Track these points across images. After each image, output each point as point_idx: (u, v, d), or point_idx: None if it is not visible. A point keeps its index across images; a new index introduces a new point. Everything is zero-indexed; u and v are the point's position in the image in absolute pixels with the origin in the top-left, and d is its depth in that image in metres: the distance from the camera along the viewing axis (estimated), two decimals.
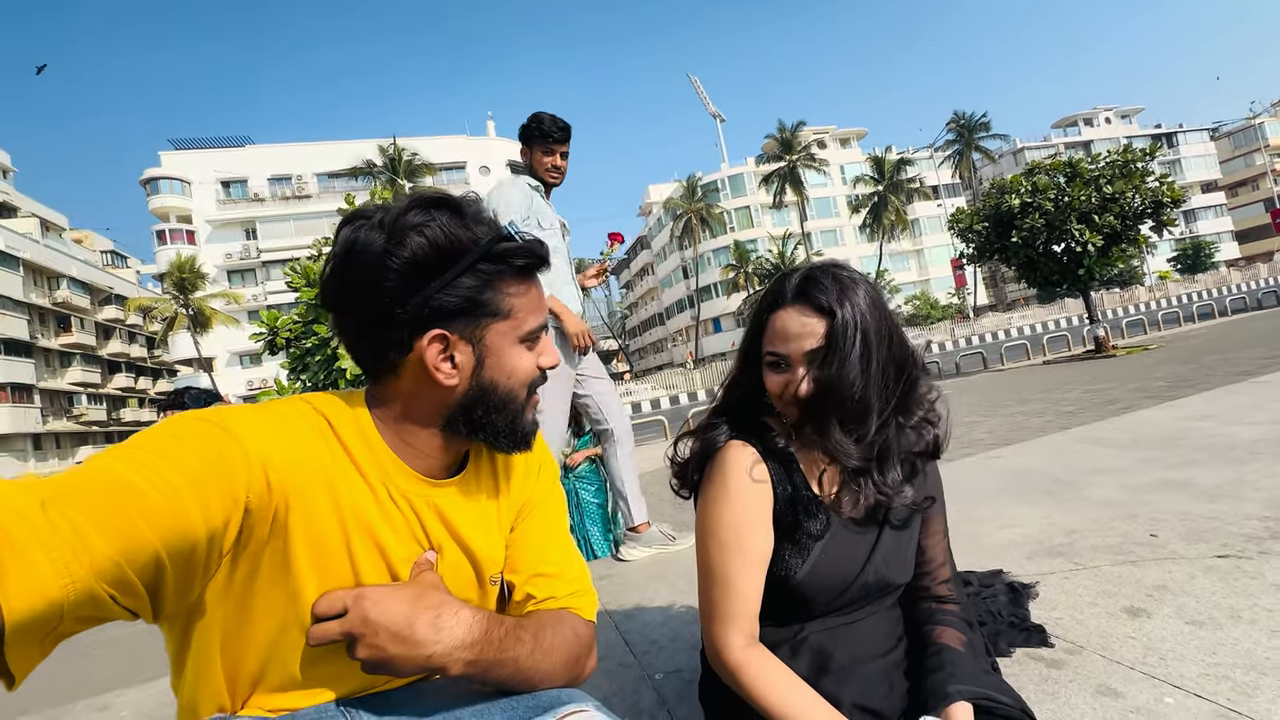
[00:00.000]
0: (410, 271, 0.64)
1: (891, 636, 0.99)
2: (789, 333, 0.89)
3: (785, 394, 0.91)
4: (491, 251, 0.66)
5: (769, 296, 0.94)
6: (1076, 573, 1.61)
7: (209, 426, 0.58)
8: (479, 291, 0.66)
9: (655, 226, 59.61)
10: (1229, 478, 2.17)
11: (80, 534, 0.46)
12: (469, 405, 0.70)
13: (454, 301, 0.65)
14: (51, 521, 0.45)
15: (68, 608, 0.45)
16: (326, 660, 0.66)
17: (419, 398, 0.69)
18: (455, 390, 0.69)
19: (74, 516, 0.46)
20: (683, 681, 1.42)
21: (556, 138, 2.44)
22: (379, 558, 0.67)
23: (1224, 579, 1.44)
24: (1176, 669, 1.14)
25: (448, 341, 0.66)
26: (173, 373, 44.78)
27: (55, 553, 0.44)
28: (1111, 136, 55.09)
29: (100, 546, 0.46)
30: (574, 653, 0.74)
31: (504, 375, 0.70)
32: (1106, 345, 14.68)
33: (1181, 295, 36.24)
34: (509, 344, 0.70)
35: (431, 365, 0.66)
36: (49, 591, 0.43)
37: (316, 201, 38.70)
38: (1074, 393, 8.98)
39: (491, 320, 0.68)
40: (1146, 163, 13.87)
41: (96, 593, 0.46)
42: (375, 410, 0.71)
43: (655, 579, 2.17)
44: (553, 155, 2.47)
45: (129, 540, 0.48)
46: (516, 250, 0.68)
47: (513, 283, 0.69)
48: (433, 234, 0.64)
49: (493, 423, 0.71)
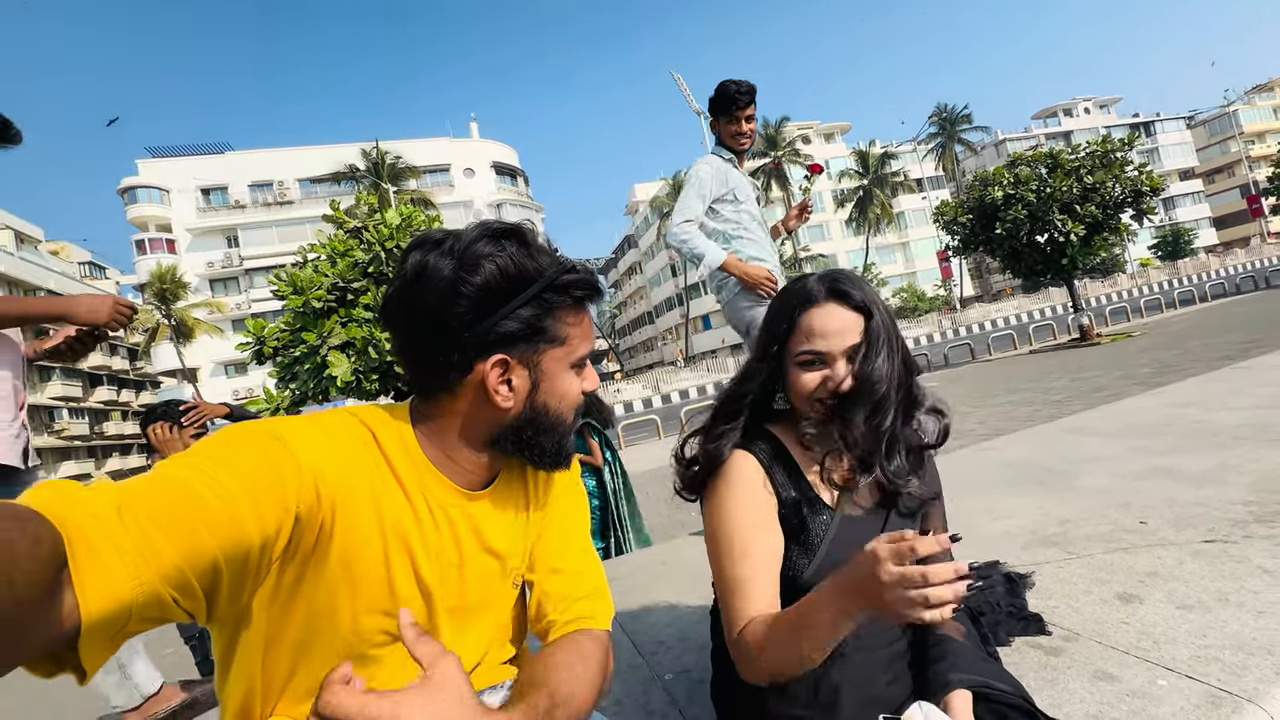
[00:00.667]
0: (480, 298, 0.67)
1: (894, 629, 1.01)
2: (829, 330, 0.91)
3: (817, 391, 0.92)
4: (555, 282, 0.70)
5: (795, 298, 0.96)
6: (1070, 561, 1.66)
7: (266, 437, 0.61)
8: (540, 319, 0.70)
9: (642, 225, 59.58)
10: (1214, 463, 2.23)
11: (149, 539, 0.49)
12: (520, 427, 0.73)
13: (517, 328, 0.68)
14: (125, 526, 0.48)
15: (136, 609, 0.47)
16: (360, 671, 0.68)
17: (473, 417, 0.72)
18: (509, 412, 0.72)
19: (144, 522, 0.49)
20: (692, 681, 1.45)
21: (742, 103, 2.56)
22: (410, 570, 0.70)
23: (1211, 563, 1.49)
24: (1169, 652, 1.18)
25: (507, 365, 0.70)
26: (156, 385, 44.12)
27: (128, 556, 0.47)
28: (1091, 126, 55.80)
29: (167, 552, 0.49)
30: (596, 684, 0.75)
31: (556, 399, 0.74)
32: (1091, 333, 14.91)
33: (1163, 282, 36.84)
34: (562, 369, 0.74)
35: (491, 388, 0.69)
36: (121, 593, 0.46)
37: (299, 207, 38.29)
38: (1061, 381, 9.13)
39: (549, 346, 0.72)
40: (1125, 152, 14.10)
41: (161, 595, 0.49)
42: (420, 425, 0.74)
43: (659, 580, 2.20)
44: (737, 122, 2.60)
45: (192, 546, 0.51)
46: (578, 282, 0.72)
47: (570, 312, 0.73)
48: (503, 263, 0.68)
49: (540, 444, 0.75)
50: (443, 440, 0.73)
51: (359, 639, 0.68)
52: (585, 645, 0.77)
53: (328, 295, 8.77)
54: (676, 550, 2.57)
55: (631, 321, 69.71)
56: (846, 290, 0.93)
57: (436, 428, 0.73)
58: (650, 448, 11.16)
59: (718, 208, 2.62)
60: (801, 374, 0.94)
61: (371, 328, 8.85)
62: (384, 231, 9.53)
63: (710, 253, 2.50)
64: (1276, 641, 1.15)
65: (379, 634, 0.69)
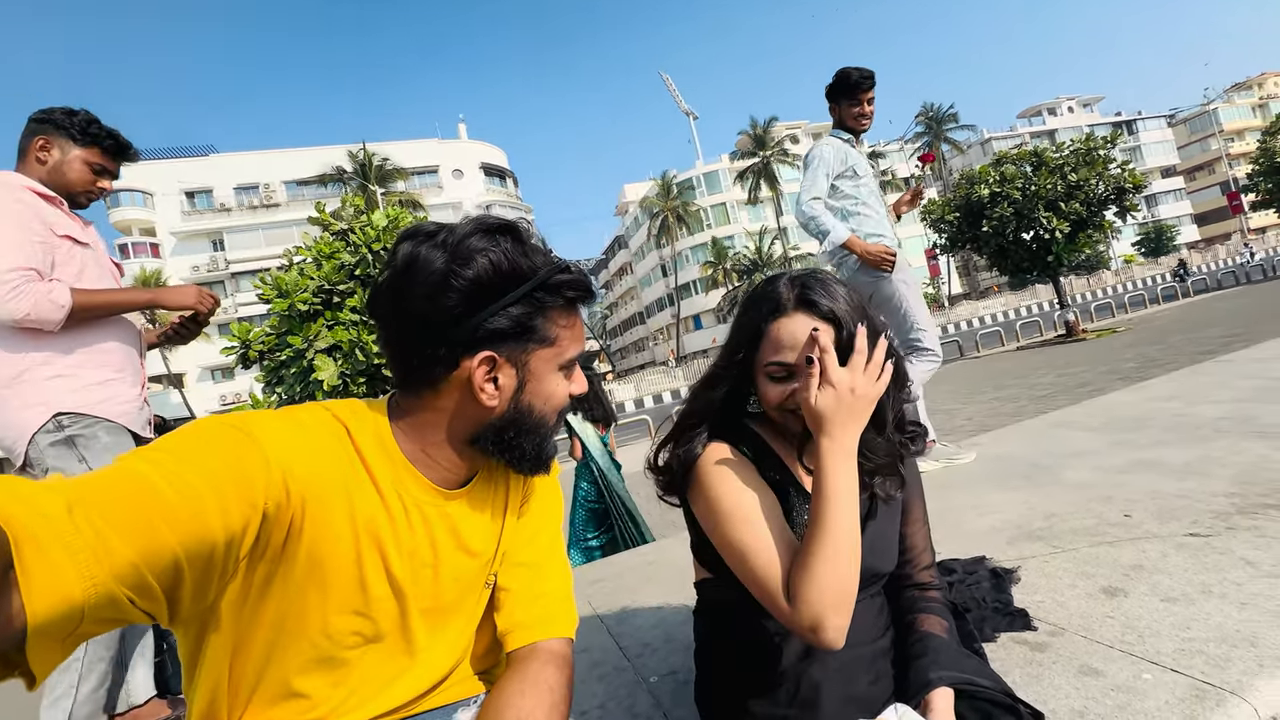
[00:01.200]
0: (471, 292, 0.66)
1: (877, 626, 1.00)
2: (797, 341, 0.87)
3: (787, 403, 0.90)
4: (548, 282, 0.69)
5: (764, 304, 0.91)
6: (1055, 555, 1.65)
7: (233, 431, 0.59)
8: (530, 318, 0.69)
9: (632, 226, 59.62)
10: (1196, 456, 2.24)
11: (102, 537, 0.47)
12: (503, 426, 0.72)
13: (506, 325, 0.68)
14: (76, 525, 0.46)
15: (88, 610, 0.46)
16: (318, 674, 0.66)
17: (456, 415, 0.71)
18: (494, 411, 0.71)
19: (97, 520, 0.47)
20: (677, 683, 1.43)
21: (865, 86, 2.78)
22: (382, 569, 0.68)
23: (1195, 555, 1.49)
24: (1153, 645, 1.17)
25: (495, 363, 0.68)
26: None
27: (79, 555, 0.45)
28: (1074, 125, 56.49)
29: (121, 550, 0.47)
30: (558, 710, 0.72)
31: (541, 400, 0.73)
32: (1077, 329, 15.08)
33: (1146, 278, 37.36)
34: (549, 370, 0.73)
35: (477, 385, 0.68)
36: (71, 594, 0.44)
37: (285, 210, 37.97)
38: (1048, 377, 9.22)
39: (538, 346, 0.71)
40: (1108, 150, 14.28)
41: (116, 595, 0.48)
42: (398, 421, 0.72)
43: (647, 580, 2.18)
44: (860, 104, 2.80)
45: (150, 544, 0.49)
46: (571, 283, 0.71)
47: (561, 313, 0.72)
48: (496, 258, 0.66)
49: (520, 445, 0.73)
50: (422, 436, 0.72)
51: (329, 640, 0.66)
52: (545, 678, 0.73)
53: (313, 298, 8.68)
54: (664, 550, 2.56)
55: (623, 322, 69.73)
56: (815, 300, 0.88)
57: (416, 423, 0.72)
58: (642, 447, 11.15)
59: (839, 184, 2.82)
60: (770, 386, 0.91)
61: (359, 330, 8.77)
62: (370, 233, 9.45)
63: (836, 230, 2.70)
64: (1259, 633, 1.14)
65: (350, 635, 0.67)
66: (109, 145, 1.86)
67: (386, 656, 0.71)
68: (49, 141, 1.81)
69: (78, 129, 1.81)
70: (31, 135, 1.81)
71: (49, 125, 1.81)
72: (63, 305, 1.59)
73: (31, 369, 1.62)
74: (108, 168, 1.89)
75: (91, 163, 1.84)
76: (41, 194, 1.75)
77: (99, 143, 1.84)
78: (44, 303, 1.57)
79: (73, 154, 1.81)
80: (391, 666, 0.71)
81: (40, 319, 1.57)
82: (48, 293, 1.58)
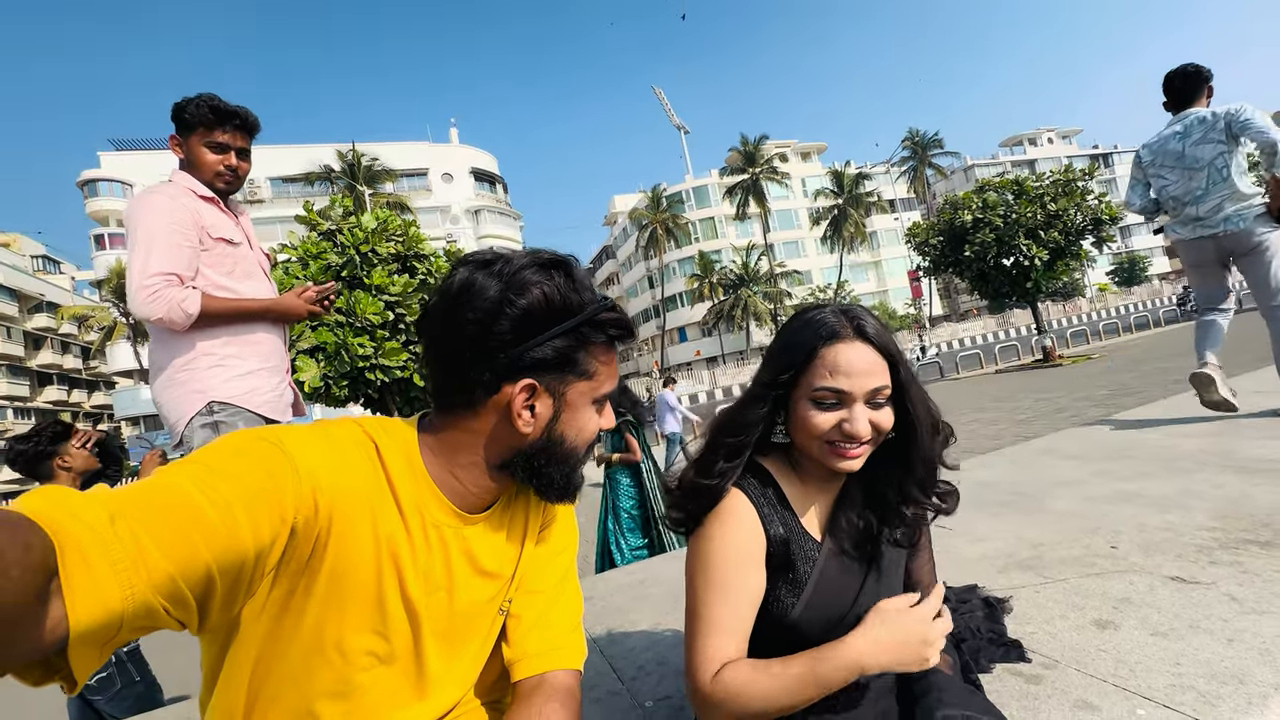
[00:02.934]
0: (522, 321, 0.68)
1: None
2: (855, 369, 0.86)
3: (830, 434, 0.88)
4: (595, 319, 0.72)
5: (819, 328, 0.89)
6: (1046, 586, 1.68)
7: (265, 445, 0.60)
8: (574, 351, 0.72)
9: (620, 236, 59.82)
10: (1177, 489, 2.30)
11: (142, 549, 0.48)
12: (534, 454, 0.73)
13: (550, 355, 0.70)
14: (119, 536, 0.47)
15: (126, 618, 0.47)
16: (332, 700, 0.65)
17: (491, 438, 0.72)
18: (528, 438, 0.72)
19: (139, 531, 0.49)
20: (672, 708, 1.42)
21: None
22: (397, 587, 0.69)
23: (1181, 590, 1.52)
24: (1145, 680, 1.19)
25: (534, 391, 0.70)
26: (111, 385, 42.32)
27: (119, 565, 0.46)
28: (1054, 156, 58.19)
29: (159, 561, 0.49)
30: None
31: (574, 431, 0.75)
32: (1054, 354, 15.43)
33: (1120, 307, 38.39)
34: (585, 403, 0.75)
35: (516, 411, 0.70)
36: (111, 603, 0.46)
37: (270, 207, 37.44)
38: (1026, 401, 9.40)
39: (577, 379, 0.73)
40: (1086, 182, 14.73)
41: (152, 604, 0.49)
42: (428, 441, 0.73)
43: (638, 600, 2.16)
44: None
45: (185, 556, 0.51)
46: (615, 321, 0.74)
47: (602, 349, 0.75)
48: (549, 291, 0.69)
49: (549, 474, 0.75)
50: (451, 457, 0.73)
51: (343, 659, 0.66)
52: (551, 713, 0.73)
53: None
54: (653, 569, 2.54)
55: None
56: (872, 330, 0.88)
57: (448, 442, 0.73)
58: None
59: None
60: (816, 413, 0.88)
61: (344, 333, 8.64)
62: (359, 235, 9.35)
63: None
64: (1247, 669, 1.17)
65: (364, 654, 0.67)
66: (210, 119, 1.79)
67: (397, 683, 0.70)
68: (176, 139, 1.80)
69: (188, 115, 1.77)
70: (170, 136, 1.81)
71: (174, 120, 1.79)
72: (190, 314, 1.69)
73: (198, 357, 1.75)
74: (224, 142, 1.82)
75: (207, 143, 1.79)
76: (201, 195, 1.79)
77: (203, 121, 1.78)
78: (176, 310, 1.67)
79: (190, 141, 1.79)
80: (401, 695, 0.71)
81: (169, 323, 1.68)
82: (181, 300, 1.67)
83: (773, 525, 0.94)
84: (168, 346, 1.77)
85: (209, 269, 1.79)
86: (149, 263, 1.64)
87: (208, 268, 1.78)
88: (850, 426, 0.86)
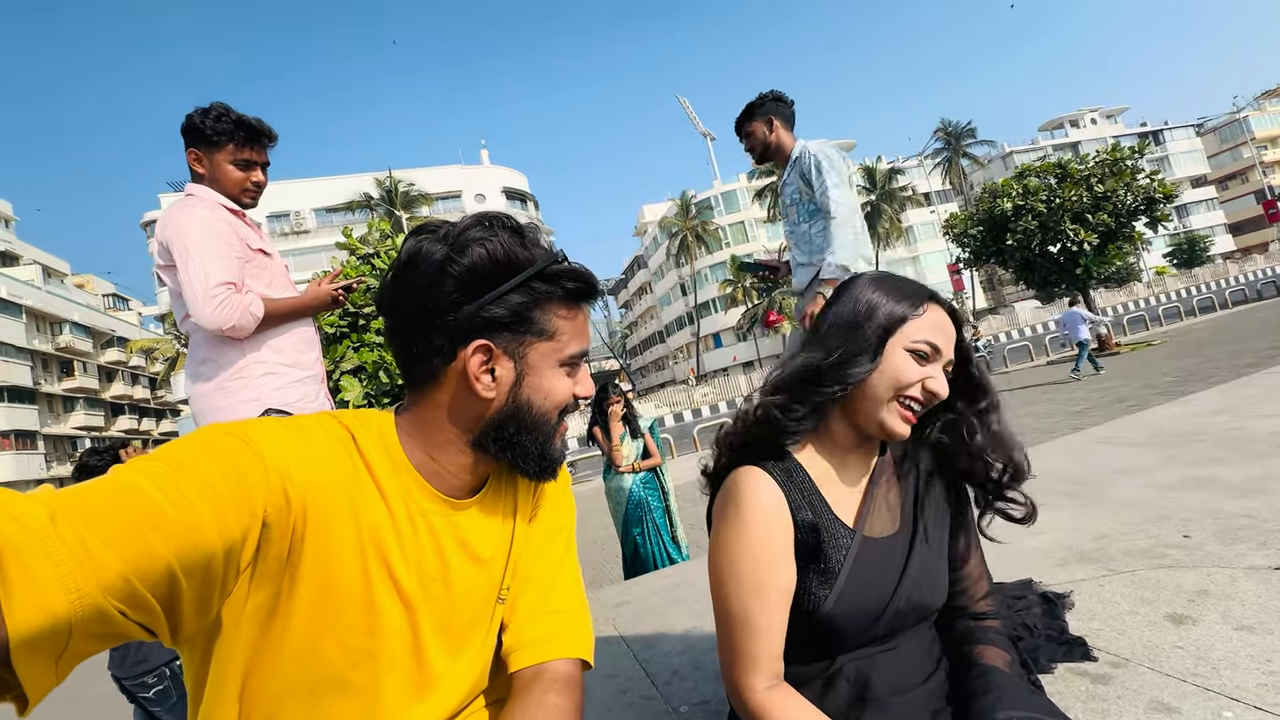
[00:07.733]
0: (467, 280, 0.66)
1: (930, 659, 0.93)
2: (946, 330, 0.90)
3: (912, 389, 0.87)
4: (545, 271, 0.68)
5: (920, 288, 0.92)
6: (1110, 579, 1.55)
7: (229, 438, 0.57)
8: (527, 309, 0.68)
9: (651, 245, 60.03)
10: (1257, 473, 2.11)
11: (88, 547, 0.45)
12: (502, 422, 0.70)
13: (503, 314, 0.67)
14: (60, 535, 0.44)
15: (75, 624, 0.44)
16: (342, 704, 0.63)
17: (455, 409, 0.70)
18: (492, 404, 0.69)
19: (82, 529, 0.45)
20: (708, 713, 1.36)
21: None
22: (388, 580, 0.66)
23: (1267, 580, 1.38)
24: (1231, 679, 1.08)
25: (491, 353, 0.68)
26: (176, 413, 44.71)
27: (62, 567, 0.43)
28: (1099, 137, 55.64)
29: (108, 560, 0.45)
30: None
31: (540, 395, 0.71)
32: (1110, 343, 14.64)
33: (1180, 290, 36.27)
34: (549, 365, 0.71)
35: (473, 374, 0.67)
36: (54, 606, 0.42)
37: (314, 236, 39.04)
38: (1080, 392, 8.92)
39: (536, 339, 0.69)
40: (1136, 160, 14.00)
41: (105, 608, 0.45)
42: (405, 425, 0.71)
43: (674, 604, 2.11)
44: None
45: (139, 553, 0.47)
46: (567, 273, 0.70)
47: (561, 306, 0.71)
48: (493, 248, 0.67)
49: (523, 444, 0.71)
50: (427, 438, 0.70)
51: (339, 662, 0.63)
52: (549, 703, 0.69)
53: (340, 321, 8.84)
54: (689, 572, 2.48)
55: (643, 341, 69.82)
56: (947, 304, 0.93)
57: (420, 420, 0.70)
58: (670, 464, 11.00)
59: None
60: (911, 363, 0.88)
61: (382, 351, 8.89)
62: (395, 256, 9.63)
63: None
64: None
65: (361, 656, 0.64)
66: (240, 136, 1.78)
67: (398, 684, 0.67)
68: (196, 154, 1.78)
69: (210, 131, 1.75)
70: (186, 151, 1.79)
71: (190, 135, 1.77)
72: (258, 317, 1.73)
73: (249, 365, 1.77)
74: (252, 159, 1.82)
75: (234, 160, 1.78)
76: (230, 209, 1.80)
77: (230, 138, 1.76)
78: (245, 315, 1.70)
79: (215, 158, 1.77)
80: (404, 696, 0.68)
81: (239, 329, 1.71)
82: (248, 305, 1.71)
83: (801, 511, 0.89)
84: (216, 355, 1.77)
85: (251, 280, 1.80)
86: (210, 273, 1.65)
87: (250, 279, 1.80)
88: (933, 384, 0.87)
